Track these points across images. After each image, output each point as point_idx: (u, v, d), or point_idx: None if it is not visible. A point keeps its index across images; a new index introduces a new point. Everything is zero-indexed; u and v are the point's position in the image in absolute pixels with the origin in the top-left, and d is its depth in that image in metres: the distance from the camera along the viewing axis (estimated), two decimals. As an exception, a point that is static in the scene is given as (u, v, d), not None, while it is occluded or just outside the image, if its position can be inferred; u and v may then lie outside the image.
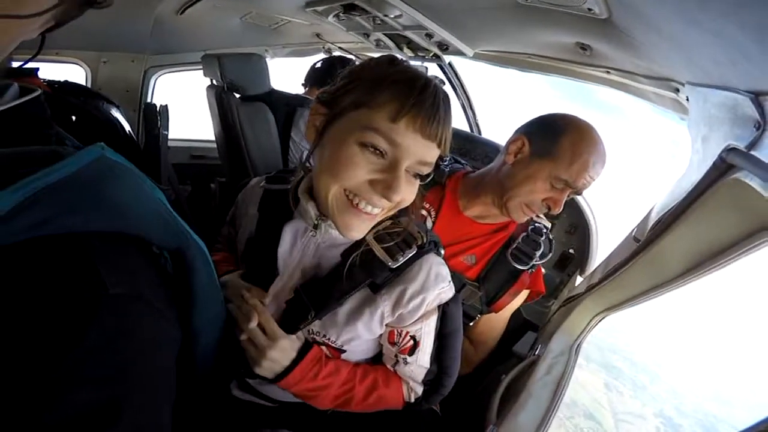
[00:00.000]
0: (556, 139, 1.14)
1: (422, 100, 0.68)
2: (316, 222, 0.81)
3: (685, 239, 0.87)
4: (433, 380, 0.90)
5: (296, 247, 0.84)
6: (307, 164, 0.83)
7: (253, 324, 0.76)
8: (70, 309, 0.39)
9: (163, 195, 0.54)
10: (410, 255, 0.79)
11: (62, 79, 1.83)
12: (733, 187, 0.69)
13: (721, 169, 0.70)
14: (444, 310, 0.85)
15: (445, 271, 0.85)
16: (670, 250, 0.92)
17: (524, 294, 1.31)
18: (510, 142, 1.21)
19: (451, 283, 0.86)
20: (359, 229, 0.76)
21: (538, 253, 1.23)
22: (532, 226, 1.27)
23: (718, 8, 0.53)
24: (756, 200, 0.60)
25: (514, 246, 1.24)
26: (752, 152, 0.61)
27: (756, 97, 0.60)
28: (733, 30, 0.54)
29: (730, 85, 0.67)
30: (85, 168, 0.45)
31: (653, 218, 0.99)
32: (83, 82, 2.54)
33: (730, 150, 0.66)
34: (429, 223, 1.25)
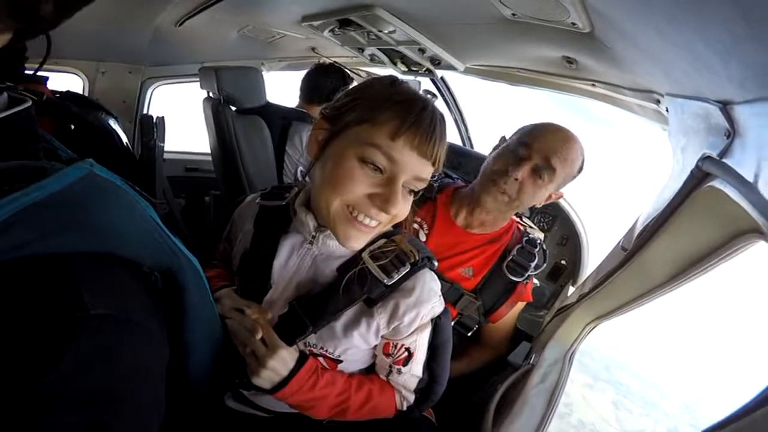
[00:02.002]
0: (525, 126, 1.24)
1: (420, 119, 0.73)
2: (314, 233, 0.84)
3: (668, 247, 0.90)
4: (424, 389, 0.92)
5: (292, 260, 0.86)
6: (302, 179, 0.86)
7: (258, 337, 0.77)
8: (47, 331, 0.37)
9: (155, 213, 0.52)
10: (405, 272, 0.82)
11: (64, 90, 1.86)
12: (710, 194, 0.71)
13: (698, 177, 0.72)
14: (436, 322, 0.88)
15: (437, 286, 0.88)
16: (655, 258, 0.94)
17: (521, 304, 1.33)
18: None
19: (441, 296, 0.89)
20: (358, 239, 0.79)
21: (533, 265, 1.25)
22: (527, 238, 1.29)
23: (685, 23, 0.56)
24: (730, 207, 0.62)
25: (510, 258, 1.25)
26: (724, 160, 0.64)
27: (724, 106, 0.63)
28: (698, 44, 0.57)
29: (702, 95, 0.70)
30: (71, 186, 0.42)
31: (639, 228, 1.02)
32: (80, 92, 2.56)
33: (705, 159, 0.68)
34: (422, 236, 1.28)
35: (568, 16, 0.96)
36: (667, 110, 1.01)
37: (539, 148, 1.15)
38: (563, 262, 1.77)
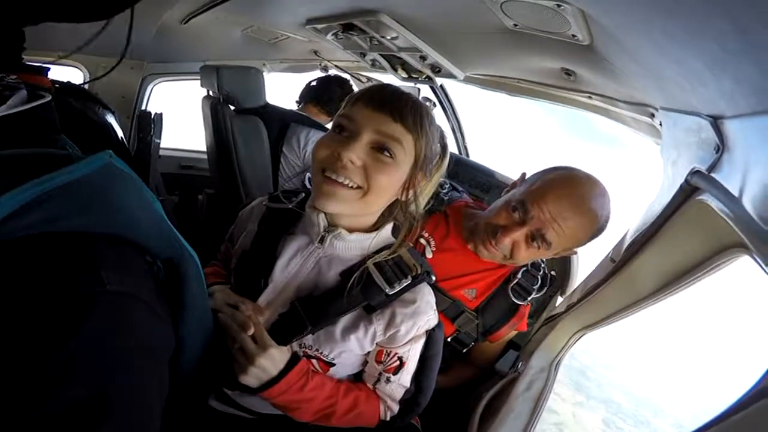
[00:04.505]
0: (541, 174, 1.13)
1: (379, 86, 0.83)
2: (323, 233, 0.85)
3: (656, 259, 0.91)
4: (409, 399, 0.93)
5: (294, 261, 0.87)
6: (307, 185, 0.89)
7: (249, 333, 0.78)
8: (65, 303, 0.40)
9: (160, 205, 0.56)
10: (406, 284, 0.84)
11: (65, 81, 1.85)
12: (698, 208, 0.73)
13: (687, 191, 0.74)
14: (430, 334, 0.91)
15: (434, 300, 0.91)
16: (643, 270, 0.95)
17: (514, 332, 1.32)
18: None
19: (436, 310, 0.92)
20: (329, 198, 0.79)
21: (536, 287, 1.25)
22: (532, 261, 1.27)
23: (680, 38, 0.58)
24: (717, 221, 0.64)
25: (515, 282, 1.24)
26: (712, 174, 0.65)
27: (715, 120, 0.64)
28: (691, 59, 0.59)
29: (694, 109, 0.72)
30: (94, 172, 0.47)
31: (628, 240, 1.03)
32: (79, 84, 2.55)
33: (695, 173, 0.70)
34: (429, 253, 1.24)
35: (569, 28, 0.98)
36: (660, 124, 1.02)
37: (537, 216, 1.05)
38: (552, 272, 1.78)
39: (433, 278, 0.91)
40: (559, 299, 1.71)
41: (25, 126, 0.53)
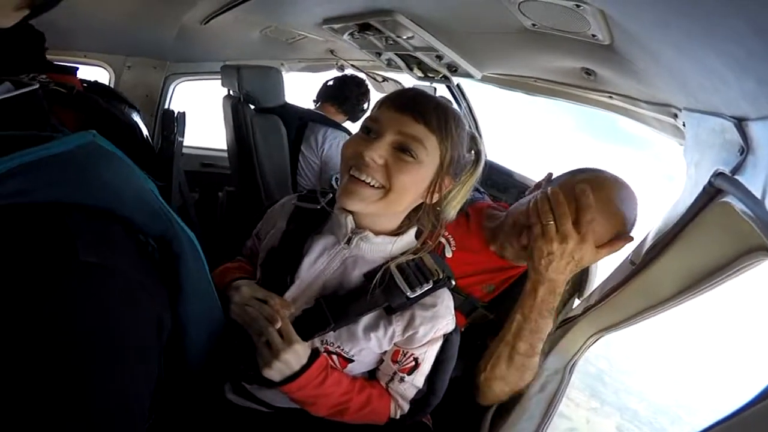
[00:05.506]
0: (567, 175, 1.13)
1: (404, 89, 0.88)
2: (350, 235, 0.87)
3: (677, 262, 0.89)
4: (419, 400, 0.94)
5: (321, 259, 0.90)
6: (335, 185, 0.91)
7: (277, 327, 0.80)
8: (36, 272, 0.39)
9: (155, 187, 0.56)
10: (427, 288, 0.86)
11: (92, 80, 1.91)
12: (722, 210, 0.71)
13: (711, 193, 0.73)
14: (447, 338, 0.92)
15: (452, 305, 0.93)
16: (663, 273, 0.93)
17: None
18: None
19: (454, 316, 0.93)
20: (352, 196, 0.82)
21: None
22: None
23: (701, 39, 0.57)
24: (741, 223, 0.62)
25: None
26: (736, 176, 0.64)
27: (739, 122, 0.63)
28: (714, 60, 0.58)
29: (718, 110, 0.71)
30: (74, 149, 0.47)
31: (649, 242, 1.01)
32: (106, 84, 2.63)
33: (718, 175, 0.68)
34: (448, 252, 1.23)
35: (589, 28, 0.97)
36: (683, 125, 1.00)
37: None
38: (571, 274, 1.75)
39: (453, 283, 0.92)
40: (576, 301, 1.68)
41: (14, 112, 0.54)
